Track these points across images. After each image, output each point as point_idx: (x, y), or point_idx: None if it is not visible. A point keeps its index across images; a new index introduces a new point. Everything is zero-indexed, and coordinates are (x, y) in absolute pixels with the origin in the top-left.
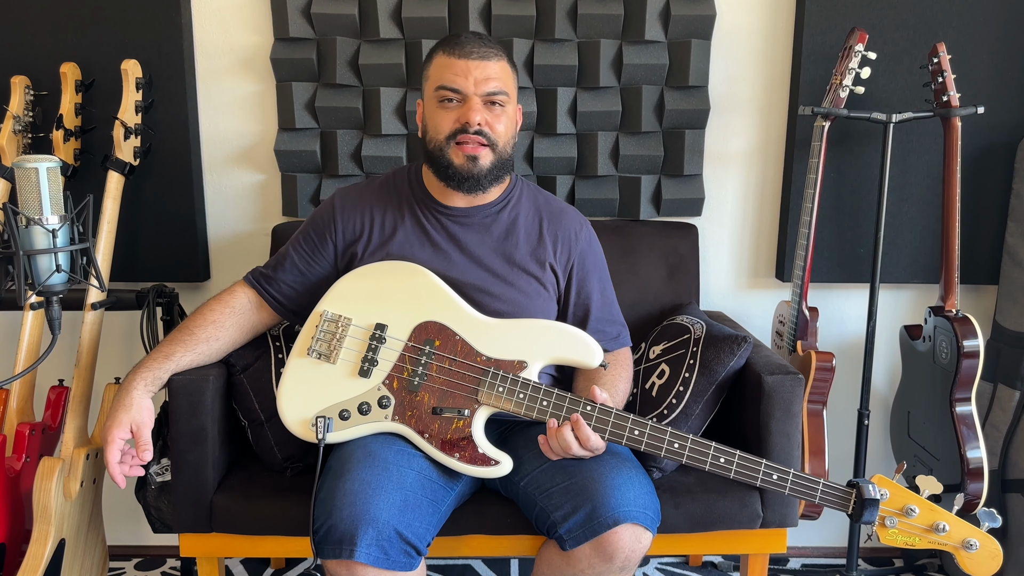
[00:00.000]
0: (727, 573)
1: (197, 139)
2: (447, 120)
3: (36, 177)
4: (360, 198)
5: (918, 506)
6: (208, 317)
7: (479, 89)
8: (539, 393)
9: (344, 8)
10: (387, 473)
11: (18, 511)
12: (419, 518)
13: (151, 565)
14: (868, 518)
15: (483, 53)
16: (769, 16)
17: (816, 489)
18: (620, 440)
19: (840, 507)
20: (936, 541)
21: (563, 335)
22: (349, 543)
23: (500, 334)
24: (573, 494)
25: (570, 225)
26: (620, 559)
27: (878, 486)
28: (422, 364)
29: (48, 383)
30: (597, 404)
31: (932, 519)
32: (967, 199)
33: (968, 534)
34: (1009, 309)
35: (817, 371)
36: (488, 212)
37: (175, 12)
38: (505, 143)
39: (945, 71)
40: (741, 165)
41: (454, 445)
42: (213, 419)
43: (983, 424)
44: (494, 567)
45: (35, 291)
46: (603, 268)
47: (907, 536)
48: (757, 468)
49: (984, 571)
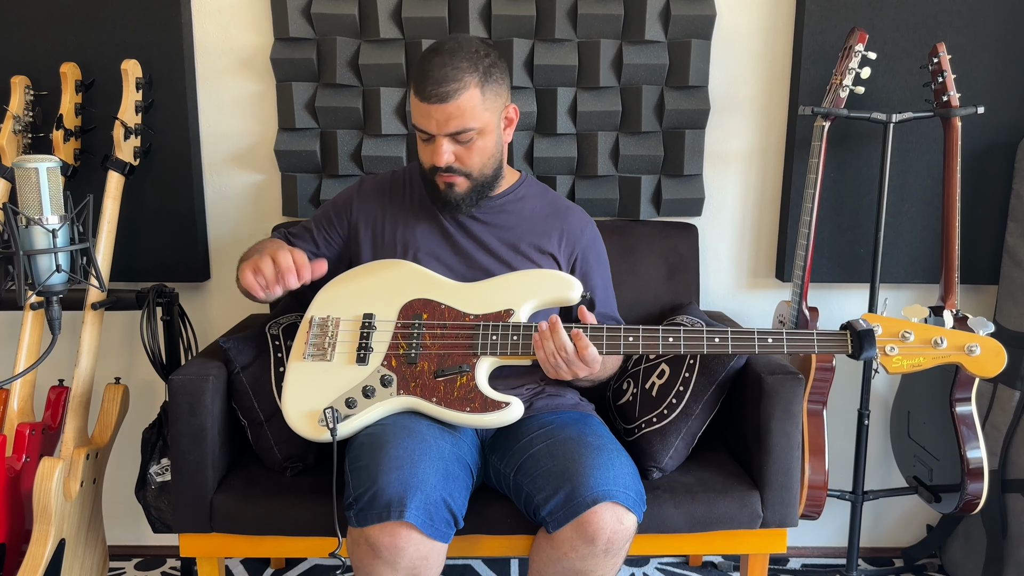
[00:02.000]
0: (727, 573)
1: (197, 139)
2: (426, 153)
3: (36, 177)
4: (379, 188)
5: (912, 329)
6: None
7: (442, 130)
8: (532, 331)
9: (344, 8)
10: (427, 444)
11: (18, 511)
12: (458, 489)
13: (151, 565)
14: (868, 350)
15: (441, 94)
16: (769, 16)
17: (812, 340)
18: (617, 349)
19: (839, 349)
20: (940, 355)
21: (540, 277)
22: (399, 505)
23: (482, 293)
24: (554, 476)
25: (575, 222)
26: (602, 541)
27: (869, 322)
28: (415, 337)
29: (48, 383)
30: (587, 325)
31: (929, 336)
32: (967, 199)
33: (967, 340)
34: (1009, 309)
35: (817, 371)
36: (494, 203)
37: (175, 12)
38: (481, 168)
39: (945, 71)
40: (741, 165)
41: (463, 400)
42: (213, 419)
43: (983, 424)
44: (494, 567)
45: (35, 291)
46: (606, 266)
47: (911, 359)
48: (751, 337)
49: (992, 368)
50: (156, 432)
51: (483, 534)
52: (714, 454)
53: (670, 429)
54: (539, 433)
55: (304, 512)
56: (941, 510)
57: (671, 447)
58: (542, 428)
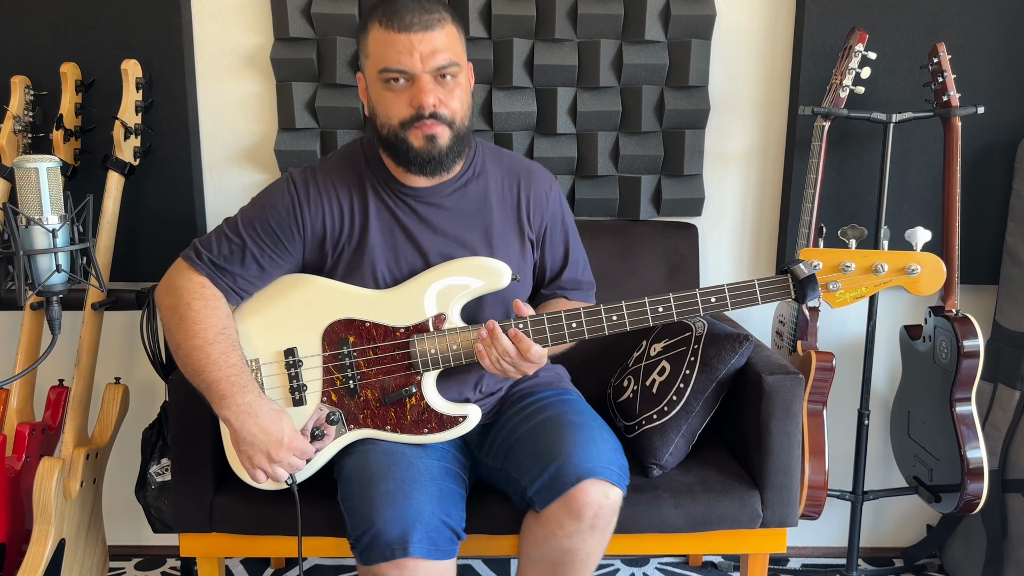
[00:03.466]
0: (727, 573)
1: (197, 139)
2: (398, 104)
3: (36, 177)
4: (321, 185)
5: (852, 260)
6: (220, 318)
7: (427, 65)
8: (469, 332)
9: (344, 8)
10: (415, 468)
11: (18, 511)
12: (454, 504)
13: (151, 565)
14: (812, 293)
15: (425, 22)
16: (769, 16)
17: (754, 290)
18: (563, 339)
19: (783, 295)
20: (881, 282)
21: (464, 270)
22: (402, 543)
23: (405, 300)
24: (539, 456)
25: (540, 186)
26: (589, 516)
27: (808, 260)
28: (349, 366)
29: (48, 383)
30: (526, 318)
31: (869, 263)
32: (967, 199)
33: (905, 261)
34: (1009, 309)
35: (817, 371)
36: (454, 186)
37: (175, 12)
38: (463, 117)
39: (945, 71)
40: (741, 165)
41: (418, 423)
42: (213, 419)
43: (983, 424)
44: (494, 567)
45: (35, 291)
46: (572, 226)
47: (854, 291)
48: (694, 300)
49: (934, 285)
50: (156, 432)
51: (483, 534)
52: (714, 454)
53: (670, 426)
54: (520, 419)
55: (304, 512)
56: (941, 510)
57: (671, 444)
58: (521, 413)
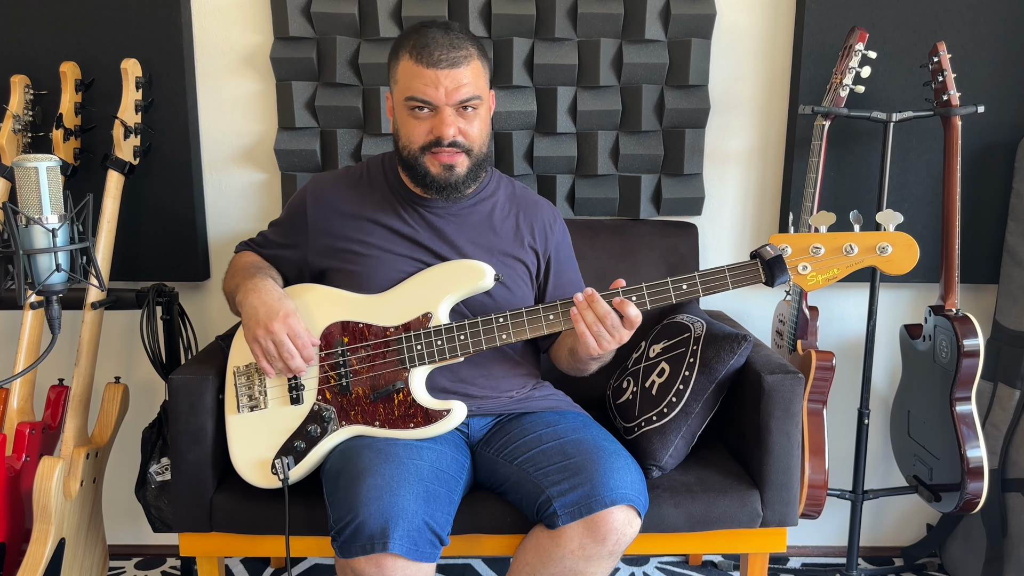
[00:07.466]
0: (727, 572)
1: (197, 139)
2: (419, 131)
3: (36, 176)
4: (335, 190)
5: (821, 243)
6: (254, 260)
7: (451, 99)
8: (453, 332)
9: (344, 7)
10: (404, 467)
11: (18, 511)
12: (440, 508)
13: (151, 565)
14: (781, 276)
15: (452, 60)
16: (769, 15)
17: (724, 276)
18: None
19: (753, 279)
20: (852, 262)
21: (449, 271)
22: (382, 537)
23: (397, 300)
24: (572, 472)
25: (545, 217)
26: (612, 541)
27: (777, 244)
28: (342, 365)
29: (48, 383)
30: (619, 290)
31: (839, 245)
32: (967, 198)
33: (876, 241)
34: (1009, 308)
35: (817, 370)
36: (465, 204)
37: (175, 11)
38: (481, 145)
39: (945, 70)
40: (741, 164)
41: (405, 418)
42: (213, 419)
43: (983, 423)
44: (494, 567)
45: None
46: (573, 257)
47: (825, 272)
48: (666, 288)
49: (906, 264)
50: (156, 431)
51: (483, 534)
52: (714, 453)
53: (670, 428)
54: (547, 431)
55: (304, 512)
56: (941, 509)
57: (671, 445)
58: (549, 426)
